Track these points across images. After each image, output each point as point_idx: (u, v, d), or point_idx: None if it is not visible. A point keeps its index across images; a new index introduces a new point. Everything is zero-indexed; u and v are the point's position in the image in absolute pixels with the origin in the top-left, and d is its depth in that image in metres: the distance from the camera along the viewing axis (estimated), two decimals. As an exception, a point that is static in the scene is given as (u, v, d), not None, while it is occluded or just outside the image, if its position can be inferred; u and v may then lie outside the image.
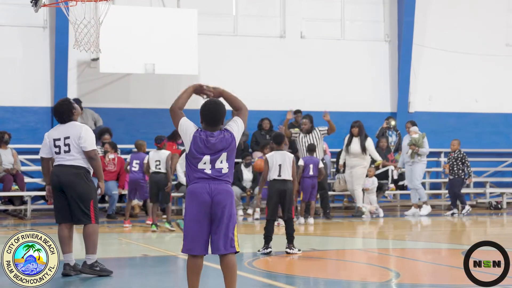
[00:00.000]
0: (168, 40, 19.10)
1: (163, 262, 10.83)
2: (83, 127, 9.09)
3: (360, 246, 13.01)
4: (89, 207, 8.97)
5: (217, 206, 6.48)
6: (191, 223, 6.51)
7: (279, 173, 11.14)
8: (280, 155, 11.22)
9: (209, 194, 6.46)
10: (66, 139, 9.00)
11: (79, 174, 8.96)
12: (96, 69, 19.24)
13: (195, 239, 6.49)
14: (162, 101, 20.31)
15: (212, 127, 6.62)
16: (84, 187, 8.96)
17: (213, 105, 6.70)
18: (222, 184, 6.52)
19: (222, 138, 6.56)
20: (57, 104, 9.31)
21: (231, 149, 6.60)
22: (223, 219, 6.50)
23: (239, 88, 20.65)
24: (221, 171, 6.53)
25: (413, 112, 22.31)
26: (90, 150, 8.99)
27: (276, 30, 21.68)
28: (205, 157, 6.50)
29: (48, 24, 19.60)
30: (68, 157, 8.98)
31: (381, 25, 22.50)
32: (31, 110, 19.33)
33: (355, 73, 21.97)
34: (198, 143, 6.53)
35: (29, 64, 19.51)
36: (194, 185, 6.53)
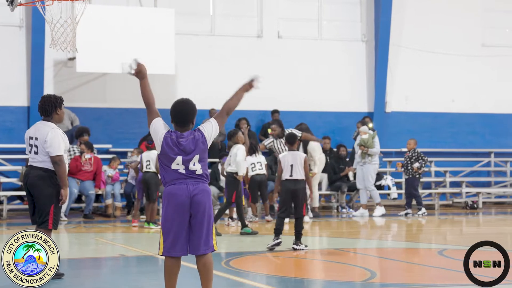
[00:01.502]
0: (145, 39, 19.05)
1: (140, 262, 10.80)
2: (50, 131, 8.80)
3: (337, 246, 13.03)
4: (49, 211, 8.72)
5: (196, 206, 6.41)
6: (170, 224, 6.43)
7: (290, 173, 11.34)
8: (292, 156, 11.43)
9: (187, 195, 6.40)
10: (36, 140, 8.83)
11: (44, 177, 8.76)
12: (72, 69, 19.15)
13: (174, 241, 6.42)
14: (139, 101, 19.99)
15: (181, 127, 6.54)
16: (46, 190, 8.74)
17: (182, 104, 6.63)
18: (199, 184, 6.46)
19: (192, 139, 6.49)
20: (43, 97, 9.06)
21: (202, 151, 6.52)
22: (203, 219, 6.44)
23: (216, 88, 20.70)
24: (195, 173, 6.45)
25: (390, 112, 22.40)
26: (54, 156, 8.74)
27: (254, 30, 21.68)
28: (177, 158, 6.42)
29: (24, 23, 19.49)
30: (37, 158, 8.82)
31: (358, 25, 22.56)
32: (7, 110, 19.22)
33: (332, 73, 22.02)
34: (169, 144, 6.45)
35: (5, 63, 19.39)
36: (171, 186, 6.46)
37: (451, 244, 13.32)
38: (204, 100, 20.50)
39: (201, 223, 6.44)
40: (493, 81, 23.26)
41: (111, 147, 19.64)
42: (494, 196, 22.80)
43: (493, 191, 22.50)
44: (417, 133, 22.32)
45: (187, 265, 8.67)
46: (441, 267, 9.91)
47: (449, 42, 22.89)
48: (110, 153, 19.11)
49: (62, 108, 9.02)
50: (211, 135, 6.60)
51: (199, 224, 6.44)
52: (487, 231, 15.87)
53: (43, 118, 8.97)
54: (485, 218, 19.10)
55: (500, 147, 23.18)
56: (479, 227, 17.42)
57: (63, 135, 8.92)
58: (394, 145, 21.89)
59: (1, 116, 19.21)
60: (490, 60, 23.16)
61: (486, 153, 23.09)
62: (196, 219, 6.44)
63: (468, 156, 22.98)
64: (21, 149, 19.07)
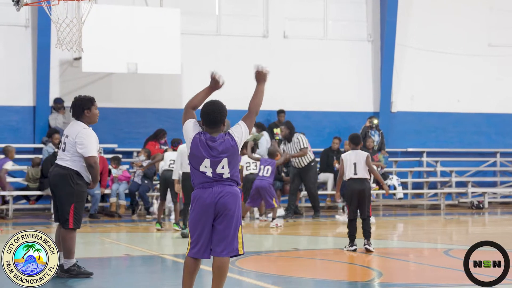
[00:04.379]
0: (150, 39, 19.06)
1: (146, 262, 10.80)
2: (81, 130, 8.79)
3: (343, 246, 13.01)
4: (69, 211, 8.76)
5: (221, 209, 6.33)
6: (195, 227, 6.37)
7: (355, 172, 11.21)
8: (355, 154, 11.32)
9: (212, 198, 6.31)
10: (66, 137, 8.84)
11: (65, 176, 8.75)
12: (78, 68, 19.16)
13: (198, 243, 6.35)
14: (145, 101, 20.30)
15: (212, 129, 6.43)
16: (66, 190, 8.74)
17: (212, 106, 6.50)
18: (226, 186, 6.37)
19: (222, 142, 6.38)
20: (75, 98, 9.06)
21: (232, 154, 6.39)
22: (228, 221, 6.35)
23: (222, 88, 20.70)
24: (222, 176, 6.35)
25: (396, 112, 22.37)
26: (88, 157, 8.73)
27: (259, 29, 21.67)
28: (205, 161, 6.33)
29: (30, 23, 19.52)
30: (63, 156, 8.82)
31: (363, 24, 22.54)
32: (13, 109, 19.24)
33: (337, 73, 22.00)
34: (198, 146, 6.35)
35: (11, 63, 19.41)
36: (198, 190, 6.40)
37: (457, 244, 13.29)
38: (209, 99, 20.51)
39: (226, 226, 6.34)
40: (499, 81, 23.22)
41: (117, 146, 19.65)
42: (500, 196, 22.75)
43: (499, 191, 22.46)
44: (423, 133, 22.35)
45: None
46: (447, 267, 9.89)
47: (455, 42, 22.85)
48: (116, 153, 19.13)
49: (93, 109, 8.95)
50: (241, 138, 6.47)
51: (224, 226, 6.34)
52: (493, 231, 15.84)
53: (75, 118, 8.97)
54: (491, 218, 19.07)
55: (506, 147, 23.14)
56: (485, 227, 17.39)
57: (95, 136, 8.91)
58: (400, 145, 21.87)
59: (7, 116, 19.23)
60: (496, 60, 23.11)
61: (492, 153, 23.05)
62: (221, 221, 6.35)
63: (474, 156, 22.94)
64: (27, 148, 19.14)
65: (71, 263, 8.88)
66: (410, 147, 22.16)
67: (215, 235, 6.36)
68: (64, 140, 8.88)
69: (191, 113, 6.60)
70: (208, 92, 6.78)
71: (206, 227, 6.35)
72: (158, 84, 20.40)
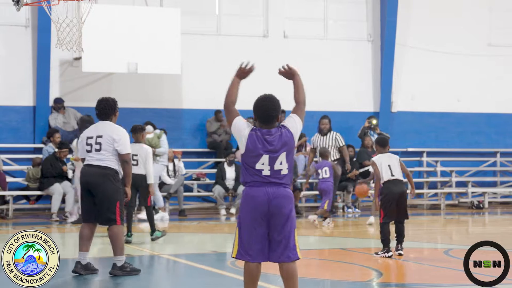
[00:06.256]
0: (151, 39, 19.05)
1: (146, 261, 10.79)
2: (118, 129, 8.97)
3: (343, 246, 13.02)
4: (115, 208, 8.86)
5: (275, 211, 6.10)
6: (246, 228, 6.15)
7: (392, 173, 10.82)
8: (387, 156, 10.98)
9: (266, 198, 6.08)
10: (98, 137, 8.88)
11: (106, 175, 8.83)
12: (78, 68, 19.16)
13: (249, 246, 6.13)
14: (145, 100, 20.29)
15: (267, 125, 6.20)
16: (111, 188, 8.83)
17: (267, 101, 6.27)
18: (280, 188, 6.12)
19: (280, 135, 6.14)
20: (101, 100, 9.14)
21: (290, 148, 6.16)
22: (283, 224, 6.11)
23: (222, 87, 20.63)
24: (280, 173, 6.11)
25: (396, 112, 22.37)
26: (124, 154, 8.89)
27: (259, 29, 21.67)
28: (263, 157, 6.09)
29: (30, 23, 19.52)
30: (98, 157, 8.86)
31: (364, 24, 22.53)
32: (13, 109, 19.23)
33: (338, 73, 22.00)
34: (255, 142, 6.12)
35: (11, 63, 19.41)
36: (250, 188, 6.15)
37: (457, 244, 13.28)
38: (210, 100, 20.52)
39: (281, 229, 6.12)
40: (499, 80, 23.21)
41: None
42: (500, 196, 22.75)
43: (499, 191, 22.45)
44: (423, 133, 22.34)
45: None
46: (447, 267, 9.89)
47: (455, 41, 22.84)
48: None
49: (118, 110, 9.17)
50: (296, 131, 6.25)
51: (279, 230, 6.12)
52: (493, 231, 15.84)
53: (102, 119, 9.04)
54: (491, 218, 19.07)
55: (506, 147, 23.13)
56: (485, 227, 17.39)
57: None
58: (400, 145, 21.86)
59: (7, 116, 19.23)
60: (496, 60, 23.10)
61: (492, 153, 23.04)
62: (276, 224, 6.11)
63: (474, 156, 22.93)
64: (26, 148, 19.13)
65: (123, 260, 8.96)
66: (410, 147, 22.15)
67: (271, 239, 6.14)
68: (96, 140, 8.89)
69: (234, 110, 6.36)
70: (238, 82, 6.53)
71: (260, 230, 6.13)
72: (158, 84, 20.38)
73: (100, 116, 9.07)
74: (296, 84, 6.51)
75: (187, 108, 20.71)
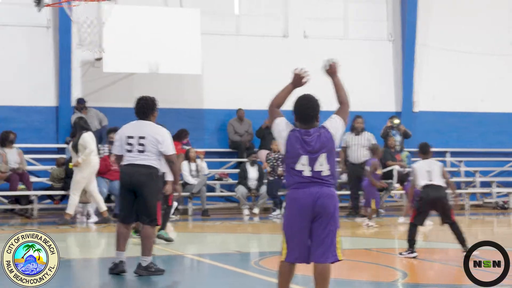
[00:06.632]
0: (171, 39, 19.07)
1: (170, 261, 10.77)
2: (161, 130, 8.97)
3: (367, 246, 12.96)
4: (156, 208, 8.93)
5: (320, 211, 6.06)
6: (291, 230, 6.12)
7: (429, 178, 10.81)
8: (428, 163, 11.00)
9: (310, 199, 6.05)
10: (141, 138, 8.87)
11: (151, 175, 8.86)
12: (99, 69, 19.20)
13: (297, 248, 6.11)
14: (166, 101, 20.19)
15: (306, 125, 6.19)
16: (154, 188, 8.88)
17: (306, 101, 6.27)
18: (324, 187, 6.08)
19: (318, 136, 6.14)
20: (140, 98, 9.15)
21: (330, 149, 6.13)
22: (326, 225, 6.08)
23: (242, 87, 20.70)
24: (320, 174, 6.07)
25: (418, 112, 22.26)
26: (169, 155, 8.93)
27: (279, 29, 21.63)
28: (302, 158, 6.07)
29: (52, 23, 19.57)
30: (142, 157, 8.87)
31: (384, 24, 22.45)
32: (36, 110, 19.28)
33: (358, 73, 21.89)
34: (293, 142, 6.11)
35: (34, 63, 19.48)
36: (294, 190, 6.12)
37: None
38: (231, 99, 20.53)
39: (324, 230, 6.08)
40: (521, 79, 23.06)
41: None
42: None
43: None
44: (445, 133, 22.21)
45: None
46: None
47: (476, 40, 22.71)
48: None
49: (157, 110, 9.12)
50: (336, 132, 6.25)
51: (322, 230, 6.08)
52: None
53: (141, 118, 9.02)
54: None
55: (529, 147, 22.97)
56: (510, 227, 17.27)
57: None
58: (423, 144, 21.71)
59: (30, 116, 19.29)
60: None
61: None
62: (319, 225, 6.07)
63: (497, 156, 22.77)
64: (50, 148, 19.20)
65: (149, 261, 8.96)
66: (432, 147, 21.91)
67: (313, 239, 6.10)
68: (138, 141, 8.88)
69: (277, 112, 6.33)
70: (291, 89, 6.46)
71: (304, 230, 6.09)
72: (179, 84, 20.39)
73: (138, 115, 9.05)
74: (336, 83, 6.53)
75: (208, 108, 20.70)
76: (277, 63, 21.06)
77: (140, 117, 9.05)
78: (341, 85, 6.51)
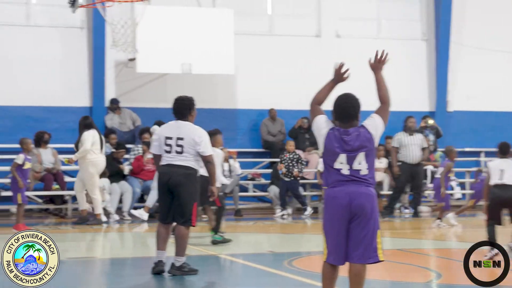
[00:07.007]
0: (204, 40, 19.12)
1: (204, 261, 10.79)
2: (199, 130, 9.00)
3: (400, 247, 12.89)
4: (192, 209, 8.94)
5: (357, 211, 6.01)
6: (328, 230, 6.09)
7: (500, 177, 10.67)
8: (502, 161, 10.87)
9: (347, 199, 5.99)
10: (179, 139, 8.92)
11: (189, 175, 8.92)
12: (133, 69, 19.31)
13: (335, 249, 6.06)
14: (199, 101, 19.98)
15: (345, 124, 6.12)
16: (191, 188, 8.92)
17: (345, 99, 6.18)
18: (362, 187, 6.03)
19: (357, 135, 6.06)
20: (177, 99, 9.19)
21: (369, 149, 6.06)
22: (364, 225, 6.03)
23: (275, 87, 20.69)
24: (359, 173, 6.02)
25: (452, 111, 22.11)
26: (207, 156, 8.97)
27: (312, 29, 21.60)
28: (340, 156, 6.02)
29: (86, 24, 19.71)
30: (180, 158, 8.92)
31: (417, 23, 22.33)
32: (70, 110, 19.42)
33: (392, 72, 21.40)
34: (332, 141, 6.05)
35: (68, 64, 19.65)
36: (331, 189, 6.09)
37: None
38: (263, 99, 20.53)
39: (362, 230, 6.04)
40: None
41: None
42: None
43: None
44: (480, 132, 22.03)
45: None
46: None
47: (511, 39, 22.49)
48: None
49: (194, 110, 9.14)
50: (376, 131, 6.15)
51: (360, 230, 6.03)
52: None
53: (178, 119, 9.07)
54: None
55: None
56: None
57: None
58: (457, 144, 21.50)
59: (64, 117, 19.44)
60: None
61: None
62: (357, 225, 6.02)
63: (533, 156, 22.53)
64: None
65: (182, 261, 9.01)
66: (467, 146, 21.86)
67: (351, 239, 6.04)
68: (176, 142, 8.92)
69: (319, 109, 6.28)
70: (332, 86, 6.40)
71: (342, 231, 6.04)
72: (212, 84, 20.43)
73: (176, 116, 9.10)
74: (378, 80, 6.39)
75: (241, 108, 20.74)
76: (310, 63, 21.04)
77: (178, 117, 9.09)
78: (383, 83, 6.36)
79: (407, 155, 17.63)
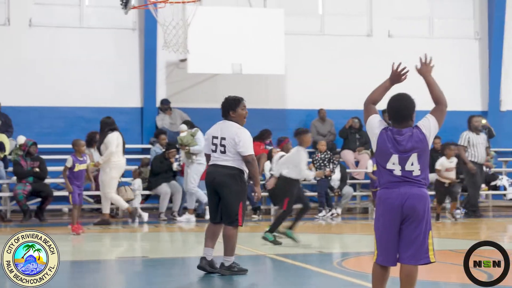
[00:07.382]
0: (255, 40, 19.16)
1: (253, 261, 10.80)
2: (237, 131, 9.03)
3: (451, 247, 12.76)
4: (238, 209, 8.97)
5: (409, 212, 5.96)
6: (380, 231, 6.07)
7: None
8: None
9: (399, 200, 5.96)
10: (223, 139, 9.02)
11: (233, 175, 8.97)
12: (184, 70, 19.43)
13: (386, 250, 6.06)
14: (250, 101, 20.03)
15: (399, 124, 6.09)
16: (236, 188, 8.96)
17: (399, 100, 6.16)
18: (414, 188, 5.98)
19: (410, 136, 6.01)
20: (226, 98, 9.28)
21: (422, 149, 6.00)
22: (416, 226, 5.99)
23: (325, 87, 20.64)
24: (411, 174, 5.97)
25: (505, 111, 21.83)
26: (246, 155, 8.99)
27: (363, 28, 21.50)
28: (393, 157, 5.99)
29: (138, 26, 19.90)
30: (224, 157, 9.01)
31: (470, 22, 22.08)
32: (122, 111, 19.60)
33: (444, 72, 21.47)
34: (385, 141, 6.03)
35: (120, 65, 19.86)
36: (383, 190, 6.07)
37: None
38: (314, 100, 20.49)
39: (414, 231, 5.99)
40: None
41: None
42: None
43: None
44: (534, 133, 21.73)
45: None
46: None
47: None
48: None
49: (238, 110, 9.14)
50: (429, 131, 6.08)
51: (412, 231, 5.99)
52: None
53: (224, 119, 9.18)
54: None
55: None
56: None
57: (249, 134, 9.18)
58: (510, 144, 21.31)
59: (116, 117, 19.33)
60: None
61: None
62: (409, 226, 5.99)
63: None
64: (135, 149, 19.52)
65: (231, 261, 9.07)
66: (519, 146, 21.60)
67: (402, 240, 6.02)
68: (220, 142, 9.02)
69: (373, 108, 6.28)
70: (389, 86, 6.39)
71: (393, 232, 6.02)
72: (263, 84, 20.46)
73: (222, 115, 9.20)
74: (429, 84, 6.37)
75: (291, 108, 20.73)
76: (361, 63, 20.94)
77: (223, 117, 9.19)
78: (434, 85, 6.34)
79: (476, 155, 17.44)
